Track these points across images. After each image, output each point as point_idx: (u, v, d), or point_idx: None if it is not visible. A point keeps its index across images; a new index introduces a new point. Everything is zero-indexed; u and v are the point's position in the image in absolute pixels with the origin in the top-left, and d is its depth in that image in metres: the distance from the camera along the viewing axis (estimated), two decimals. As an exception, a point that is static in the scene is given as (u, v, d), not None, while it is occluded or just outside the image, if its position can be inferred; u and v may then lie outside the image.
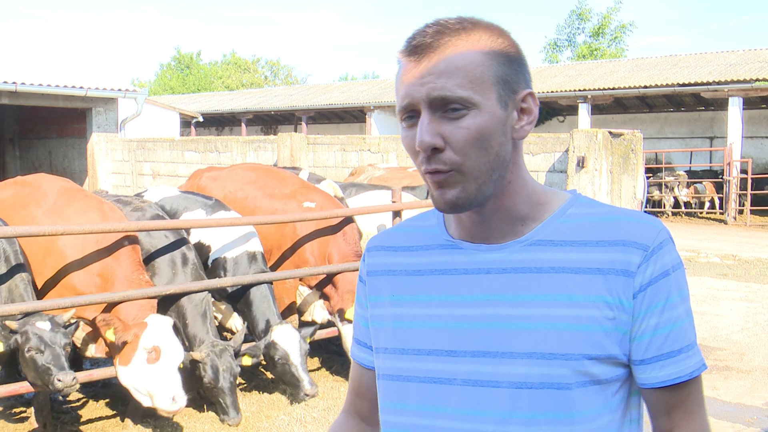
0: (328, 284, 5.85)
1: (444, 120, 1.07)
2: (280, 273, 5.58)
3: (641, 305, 1.08)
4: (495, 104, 1.08)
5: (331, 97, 27.73)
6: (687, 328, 1.11)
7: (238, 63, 53.62)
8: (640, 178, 8.90)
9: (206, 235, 5.58)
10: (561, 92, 21.32)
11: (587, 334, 1.08)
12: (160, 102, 22.56)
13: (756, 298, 9.19)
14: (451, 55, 1.06)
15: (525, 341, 1.09)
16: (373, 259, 1.29)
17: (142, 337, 4.35)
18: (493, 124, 1.07)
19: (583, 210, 1.15)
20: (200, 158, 13.23)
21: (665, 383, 1.10)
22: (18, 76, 13.82)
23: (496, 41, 1.09)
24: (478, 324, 1.13)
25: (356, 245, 5.98)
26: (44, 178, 5.41)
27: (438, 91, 1.06)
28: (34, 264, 4.76)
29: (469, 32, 1.08)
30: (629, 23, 37.27)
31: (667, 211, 19.79)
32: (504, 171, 1.11)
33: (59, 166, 17.46)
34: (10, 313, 4.17)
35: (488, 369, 1.11)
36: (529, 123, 1.13)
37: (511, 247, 1.14)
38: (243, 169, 6.72)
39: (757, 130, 22.17)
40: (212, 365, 4.71)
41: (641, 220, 1.12)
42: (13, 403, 5.29)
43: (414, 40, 1.09)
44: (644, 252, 1.08)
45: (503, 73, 1.08)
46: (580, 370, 1.08)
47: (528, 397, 1.08)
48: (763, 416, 5.15)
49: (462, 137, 1.06)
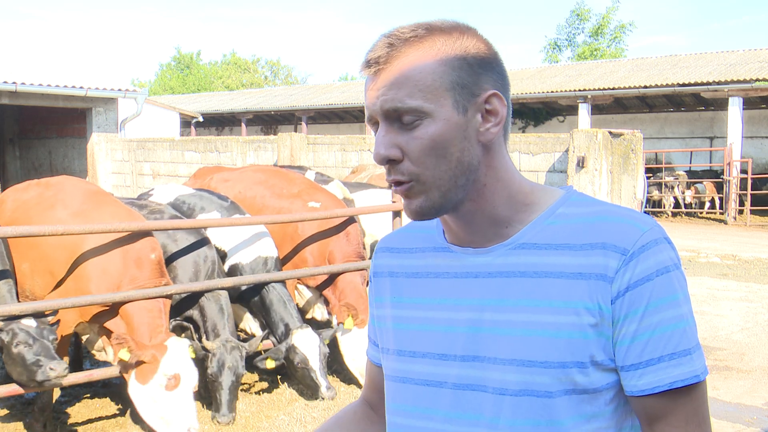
0: (330, 285, 5.87)
1: (401, 131, 1.07)
2: (283, 273, 5.58)
3: (620, 311, 1.05)
4: (450, 110, 1.07)
5: (331, 97, 27.73)
6: (674, 335, 1.04)
7: (238, 63, 53.61)
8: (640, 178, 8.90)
9: (222, 240, 5.62)
10: (561, 92, 21.32)
11: (567, 341, 1.05)
12: (160, 102, 22.56)
13: (756, 298, 9.20)
14: (402, 66, 1.06)
15: (507, 347, 1.08)
16: (378, 260, 1.31)
17: (163, 362, 4.29)
18: (448, 131, 1.06)
19: (572, 210, 1.13)
20: (200, 158, 13.23)
21: (644, 392, 1.05)
22: (18, 76, 13.82)
23: (453, 46, 1.08)
24: (466, 328, 1.13)
25: (358, 245, 5.99)
26: (68, 180, 5.31)
27: (389, 103, 1.06)
28: (51, 264, 4.70)
29: (421, 40, 1.08)
30: (629, 23, 37.32)
31: (667, 211, 19.79)
32: (473, 175, 1.10)
33: (59, 166, 17.46)
34: (10, 313, 4.17)
35: (475, 374, 1.11)
36: (496, 124, 1.10)
37: (497, 251, 1.13)
38: (253, 171, 6.82)
39: (757, 130, 22.17)
40: (219, 359, 4.73)
41: (627, 221, 1.08)
42: (13, 403, 5.29)
43: (368, 54, 1.10)
44: (622, 256, 1.04)
45: (459, 78, 1.07)
46: (562, 378, 1.06)
47: (510, 403, 1.08)
48: (763, 416, 5.15)
49: (417, 147, 1.06)
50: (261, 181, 6.48)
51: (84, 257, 4.60)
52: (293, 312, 5.33)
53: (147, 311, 4.48)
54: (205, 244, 5.22)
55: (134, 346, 4.27)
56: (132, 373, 4.37)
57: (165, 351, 4.33)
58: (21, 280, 4.87)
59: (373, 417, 1.37)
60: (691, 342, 1.06)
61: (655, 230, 1.07)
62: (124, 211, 4.87)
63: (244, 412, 5.07)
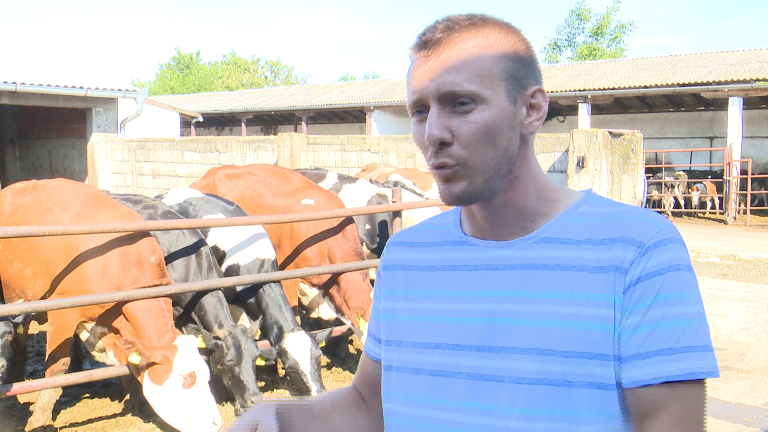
0: (333, 284, 5.90)
1: (453, 114, 1.08)
2: (281, 273, 5.59)
3: (629, 302, 1.05)
4: (503, 99, 1.08)
5: (331, 97, 27.73)
6: (675, 330, 1.04)
7: (238, 63, 53.62)
8: (640, 178, 8.90)
9: (222, 240, 5.66)
10: (561, 92, 21.31)
11: (587, 332, 1.06)
12: (160, 102, 22.56)
13: (756, 298, 9.20)
14: (460, 51, 1.08)
15: (525, 337, 1.09)
16: (390, 254, 1.32)
17: (176, 361, 4.28)
18: (500, 119, 1.08)
19: (594, 209, 1.14)
20: (200, 158, 13.23)
21: (639, 383, 1.04)
22: (18, 76, 13.82)
23: (506, 38, 1.11)
24: (483, 319, 1.13)
25: (356, 243, 6.03)
26: (66, 183, 5.29)
27: (447, 86, 1.07)
28: (52, 268, 4.70)
29: (478, 29, 1.10)
30: (629, 23, 37.33)
31: (667, 211, 19.80)
32: (512, 166, 1.12)
33: (59, 166, 17.46)
34: (10, 313, 4.18)
35: (491, 363, 1.11)
36: (538, 119, 1.13)
37: (519, 244, 1.14)
38: (256, 169, 6.95)
39: (757, 130, 22.17)
40: (235, 343, 4.75)
41: (646, 219, 1.10)
42: (14, 403, 5.29)
43: (424, 36, 1.11)
44: (638, 249, 1.06)
45: (512, 69, 1.09)
46: (581, 369, 1.06)
47: (525, 392, 1.08)
48: (763, 416, 5.15)
49: (470, 131, 1.07)
50: (260, 179, 6.62)
51: (83, 259, 4.59)
52: (287, 315, 5.34)
53: (151, 312, 4.48)
54: (199, 239, 5.25)
55: (143, 349, 4.26)
56: (145, 376, 4.36)
57: (176, 350, 4.32)
58: (23, 284, 4.87)
59: (362, 406, 1.37)
60: (695, 341, 1.05)
61: (672, 230, 1.09)
62: (123, 213, 4.87)
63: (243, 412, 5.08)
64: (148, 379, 4.34)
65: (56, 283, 4.67)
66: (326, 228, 5.98)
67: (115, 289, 4.52)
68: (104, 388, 5.72)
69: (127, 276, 4.55)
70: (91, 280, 4.56)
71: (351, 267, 5.79)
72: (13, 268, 4.93)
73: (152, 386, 4.33)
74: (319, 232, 5.98)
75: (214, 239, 5.65)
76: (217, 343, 4.74)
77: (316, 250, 5.97)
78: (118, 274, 4.56)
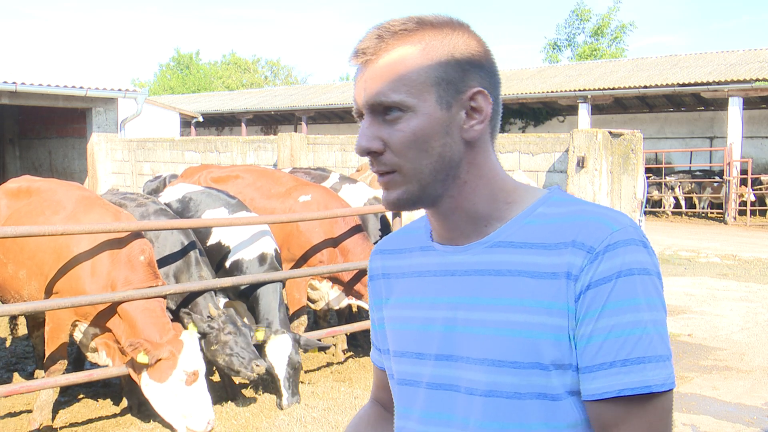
0: (356, 281, 6.01)
1: (384, 124, 1.08)
2: (280, 273, 5.60)
3: (580, 310, 1.01)
4: (433, 106, 1.07)
5: (331, 97, 27.74)
6: (628, 341, 0.99)
7: (238, 63, 53.60)
8: (640, 178, 8.89)
9: (226, 236, 5.68)
10: (561, 92, 21.32)
11: (537, 342, 1.02)
12: (160, 102, 22.56)
13: (756, 298, 9.19)
14: (388, 60, 1.07)
15: (478, 347, 1.07)
16: (373, 264, 1.31)
17: (181, 357, 4.29)
18: (430, 126, 1.07)
19: (552, 209, 1.10)
20: (200, 158, 13.23)
21: (594, 397, 1.01)
22: (18, 76, 13.82)
23: (442, 41, 1.08)
24: (441, 327, 1.12)
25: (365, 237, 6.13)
26: (60, 185, 5.29)
27: (374, 97, 1.07)
28: (45, 269, 4.70)
29: (411, 34, 1.08)
30: (629, 23, 37.31)
31: (667, 211, 19.78)
32: (454, 171, 1.09)
33: (59, 166, 17.46)
34: (11, 313, 4.18)
35: (449, 373, 1.10)
36: (480, 122, 1.09)
37: (474, 249, 1.12)
38: (242, 172, 6.91)
39: (757, 130, 22.15)
40: (229, 317, 4.78)
41: (599, 220, 1.05)
42: (14, 403, 5.29)
43: (357, 45, 1.11)
44: (588, 254, 1.02)
45: (444, 74, 1.07)
46: (532, 380, 1.03)
47: (480, 404, 1.07)
48: (763, 416, 5.15)
49: (398, 140, 1.07)
50: (249, 183, 6.59)
51: (74, 258, 4.61)
52: (279, 315, 5.35)
53: (149, 311, 4.49)
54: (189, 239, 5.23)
55: (150, 347, 4.25)
56: (144, 373, 4.36)
57: (181, 346, 4.32)
58: (18, 286, 4.88)
59: (386, 416, 1.36)
60: (649, 351, 0.99)
61: (628, 231, 1.03)
62: (112, 213, 4.84)
63: (243, 412, 5.08)
64: (149, 377, 4.34)
65: (51, 284, 4.69)
66: (332, 224, 6.01)
67: (108, 288, 4.53)
68: (104, 388, 5.71)
69: (118, 275, 4.56)
70: (83, 279, 4.58)
71: (351, 267, 5.79)
72: (8, 271, 4.95)
73: (153, 383, 4.34)
74: (324, 228, 6.01)
75: (218, 235, 5.68)
76: (210, 324, 4.72)
77: (325, 247, 6.02)
78: (109, 273, 4.57)
